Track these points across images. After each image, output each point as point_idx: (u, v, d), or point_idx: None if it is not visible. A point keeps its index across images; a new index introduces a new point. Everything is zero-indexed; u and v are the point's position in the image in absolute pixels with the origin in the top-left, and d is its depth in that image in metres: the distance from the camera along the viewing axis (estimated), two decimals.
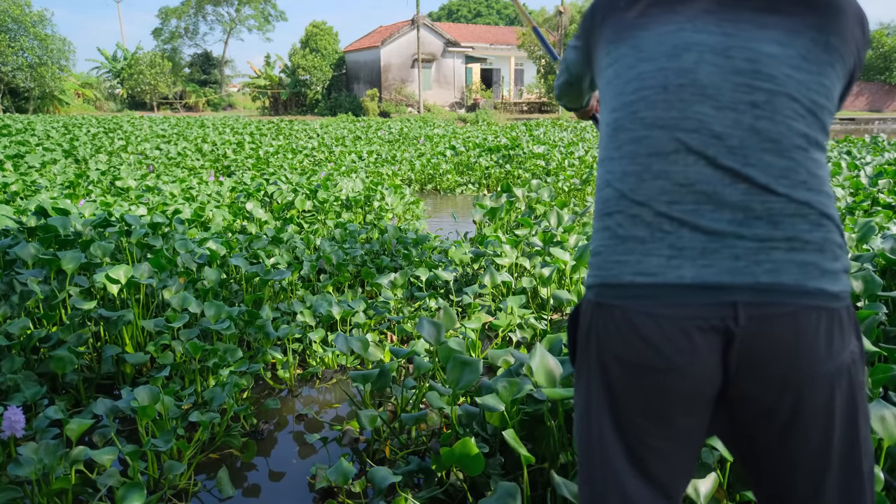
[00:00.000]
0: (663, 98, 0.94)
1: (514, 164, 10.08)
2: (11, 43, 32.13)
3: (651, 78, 0.96)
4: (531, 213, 5.61)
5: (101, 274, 2.99)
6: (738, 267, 0.86)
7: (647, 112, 0.95)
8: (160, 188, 6.42)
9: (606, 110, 1.04)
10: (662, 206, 0.90)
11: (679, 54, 0.95)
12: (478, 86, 35.21)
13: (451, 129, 18.85)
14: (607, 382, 0.95)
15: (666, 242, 0.89)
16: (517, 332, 3.26)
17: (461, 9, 61.39)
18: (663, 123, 0.93)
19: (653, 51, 0.98)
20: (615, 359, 0.93)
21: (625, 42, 1.02)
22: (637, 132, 0.95)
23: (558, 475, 1.70)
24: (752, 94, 0.91)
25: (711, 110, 0.91)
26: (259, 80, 38.83)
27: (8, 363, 2.59)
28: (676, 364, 0.88)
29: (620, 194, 0.95)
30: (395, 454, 2.35)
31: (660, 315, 0.87)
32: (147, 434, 2.29)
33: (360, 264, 4.30)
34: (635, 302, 0.89)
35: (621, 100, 1.00)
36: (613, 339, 0.92)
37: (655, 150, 0.93)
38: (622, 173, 0.96)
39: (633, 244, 0.91)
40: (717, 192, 0.89)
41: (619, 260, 0.92)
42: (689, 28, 0.96)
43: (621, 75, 1.01)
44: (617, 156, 0.98)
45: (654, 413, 0.94)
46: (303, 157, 10.93)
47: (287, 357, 3.06)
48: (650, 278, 0.88)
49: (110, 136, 14.47)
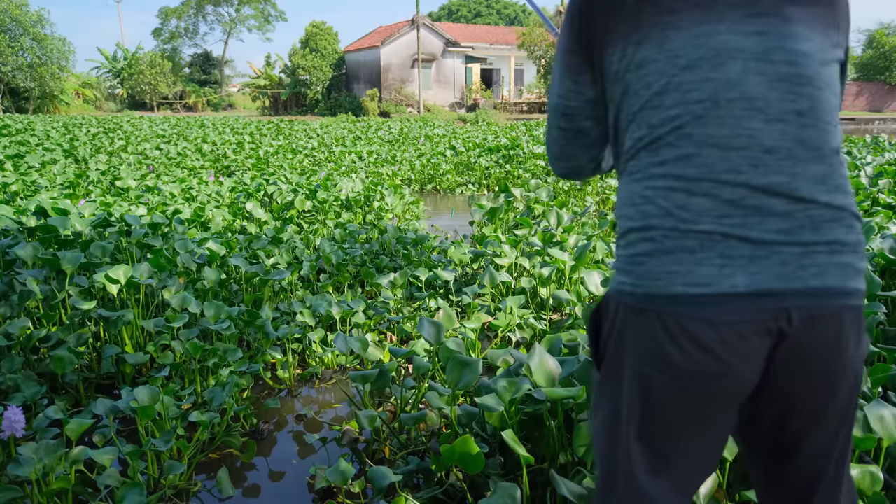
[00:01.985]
0: (715, 114, 0.90)
1: (514, 164, 10.08)
2: (11, 43, 32.14)
3: (697, 90, 0.90)
4: (530, 213, 5.61)
5: (101, 274, 2.99)
6: (787, 272, 0.87)
7: (696, 129, 0.90)
8: (160, 188, 6.42)
9: (637, 123, 0.96)
10: (712, 222, 0.89)
11: (723, 63, 0.90)
12: (478, 86, 35.21)
13: (451, 129, 18.85)
14: (645, 387, 0.94)
15: (716, 252, 0.88)
16: (516, 332, 3.26)
17: (461, 9, 61.38)
18: (715, 142, 0.89)
19: (691, 56, 0.91)
20: (660, 364, 0.92)
21: (650, 41, 0.93)
22: (684, 150, 0.91)
23: (558, 475, 1.70)
24: (798, 101, 0.91)
25: (761, 124, 0.89)
26: (259, 80, 38.84)
27: (8, 363, 2.59)
28: (731, 367, 0.89)
29: (666, 211, 0.91)
30: (394, 454, 2.35)
31: (717, 321, 0.88)
32: (147, 434, 2.29)
33: (359, 264, 4.30)
34: (690, 309, 0.89)
35: (660, 114, 0.93)
36: (659, 344, 0.91)
37: (706, 169, 0.90)
38: (667, 189, 0.92)
39: (682, 254, 0.90)
40: (764, 205, 0.89)
41: (668, 270, 0.90)
42: (723, 28, 0.91)
43: (652, 84, 0.93)
44: (659, 172, 0.93)
45: (696, 415, 0.94)
46: (303, 157, 10.93)
47: (287, 357, 3.06)
48: (704, 288, 0.88)
49: (110, 136, 14.47)
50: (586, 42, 1.02)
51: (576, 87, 1.06)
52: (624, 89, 0.97)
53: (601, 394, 1.03)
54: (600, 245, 3.97)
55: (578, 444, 1.80)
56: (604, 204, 7.36)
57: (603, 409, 1.02)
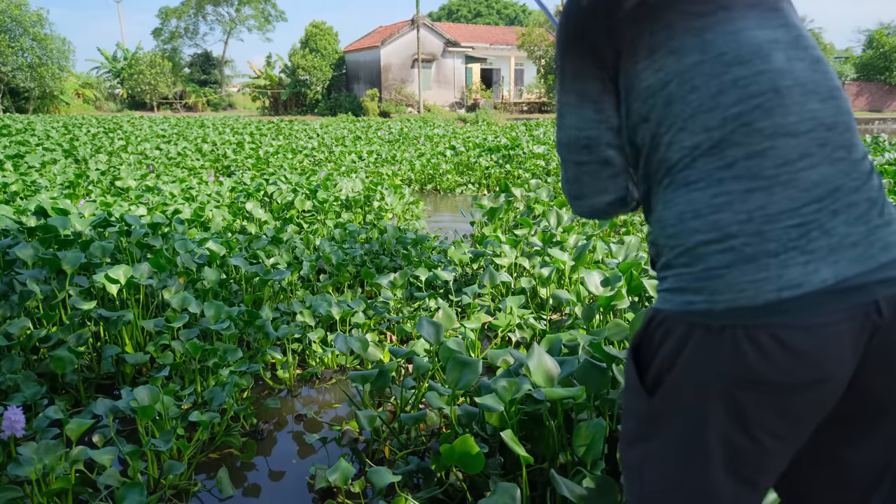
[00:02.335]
0: (779, 103, 0.88)
1: (514, 164, 10.08)
2: (11, 43, 32.15)
3: (755, 83, 0.89)
4: (530, 213, 5.61)
5: (101, 274, 2.99)
6: (858, 254, 0.86)
7: (764, 121, 0.88)
8: (160, 188, 6.42)
9: (689, 131, 0.90)
10: (793, 215, 0.86)
11: (769, 54, 0.90)
12: (478, 86, 35.22)
13: (451, 129, 18.85)
14: (732, 410, 0.88)
15: (798, 249, 0.85)
16: (516, 332, 3.26)
17: (461, 9, 61.38)
18: (785, 131, 0.88)
19: (738, 52, 0.90)
20: (748, 383, 0.86)
21: (688, 47, 0.91)
22: (755, 145, 0.87)
23: (558, 475, 1.70)
24: (832, 78, 0.94)
25: (819, 104, 0.90)
26: (259, 81, 38.85)
27: (8, 363, 2.59)
28: (829, 373, 0.85)
29: (748, 216, 0.87)
30: (394, 454, 2.35)
31: (812, 325, 0.84)
32: (147, 434, 2.29)
33: (359, 264, 4.30)
34: (783, 317, 0.84)
35: (719, 114, 0.88)
36: (748, 362, 0.85)
37: (782, 160, 0.87)
38: (744, 192, 0.87)
39: (765, 259, 0.85)
40: (837, 188, 0.88)
41: (753, 279, 0.85)
42: (753, 24, 0.92)
43: (700, 86, 0.89)
44: (729, 175, 0.88)
45: (791, 432, 0.90)
46: (303, 157, 10.93)
47: (287, 357, 3.06)
48: (796, 290, 0.84)
49: (110, 136, 14.47)
50: (609, 63, 0.96)
51: (598, 115, 1.00)
52: (666, 101, 0.92)
53: (654, 425, 0.95)
54: (600, 245, 3.97)
55: (578, 444, 1.80)
56: None
57: (658, 441, 0.95)
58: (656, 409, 0.94)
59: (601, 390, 1.97)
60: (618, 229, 5.57)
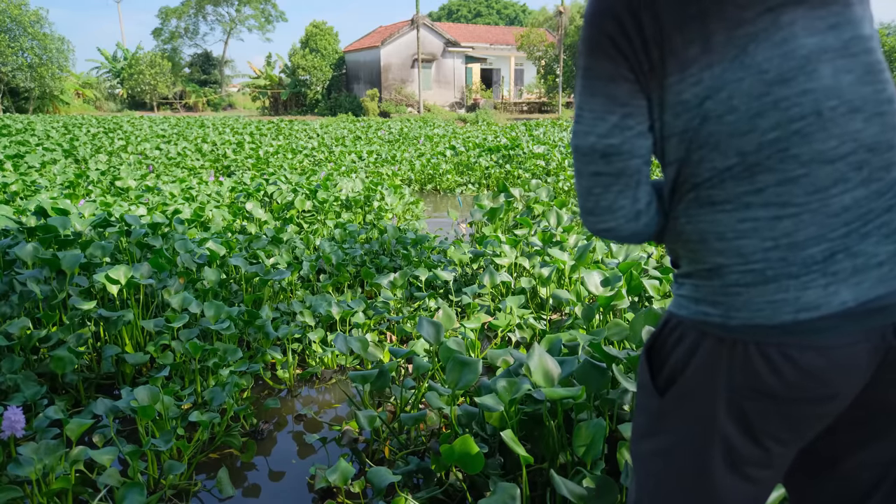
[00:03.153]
0: (820, 127, 0.82)
1: (513, 164, 10.08)
2: (11, 43, 32.16)
3: (797, 105, 0.81)
4: (530, 213, 5.61)
5: (101, 274, 2.99)
6: (883, 273, 0.84)
7: (802, 148, 0.82)
8: (160, 188, 6.43)
9: (721, 152, 0.85)
10: (819, 241, 0.83)
11: (815, 69, 0.81)
12: (478, 86, 35.22)
13: (451, 129, 18.85)
14: (739, 414, 0.89)
15: (820, 272, 0.83)
16: (516, 332, 3.26)
17: (461, 9, 61.38)
18: (823, 158, 0.82)
19: (782, 69, 0.81)
20: (757, 394, 0.87)
21: (727, 60, 0.82)
22: (790, 172, 0.83)
23: (557, 475, 1.70)
24: (885, 90, 0.85)
25: (862, 124, 0.83)
26: (259, 81, 38.85)
27: (8, 363, 2.59)
28: (838, 390, 0.86)
29: (774, 244, 0.84)
30: (394, 454, 2.35)
31: (826, 346, 0.83)
32: (147, 434, 2.29)
33: (359, 264, 4.30)
34: (797, 337, 0.84)
35: (755, 139, 0.83)
36: (758, 375, 0.86)
37: (815, 187, 0.83)
38: (772, 219, 0.84)
39: (786, 281, 0.84)
40: (869, 210, 0.84)
41: (771, 300, 0.84)
42: (800, 30, 0.82)
43: (739, 107, 0.82)
44: (758, 201, 0.84)
45: (795, 438, 0.92)
46: (303, 157, 10.94)
47: (287, 357, 3.06)
48: (813, 312, 0.83)
49: (110, 136, 14.48)
50: (641, 69, 0.87)
51: (623, 121, 0.90)
52: (702, 118, 0.84)
53: (663, 422, 0.97)
54: (600, 245, 3.97)
55: (578, 444, 1.80)
56: None
57: (665, 437, 0.97)
58: (666, 408, 0.96)
59: (601, 390, 1.97)
60: None
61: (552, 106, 33.60)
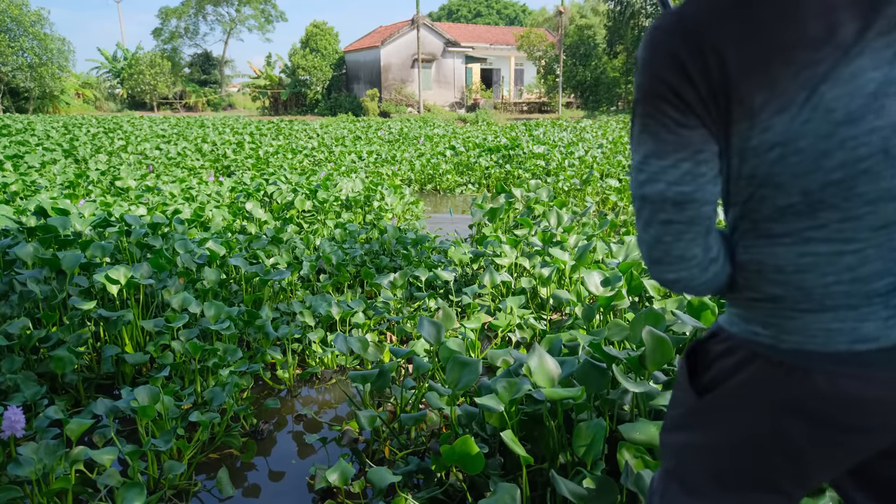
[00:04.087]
0: (888, 165, 0.79)
1: (514, 164, 10.08)
2: (11, 43, 32.16)
3: (864, 145, 0.79)
4: (530, 213, 5.61)
5: (101, 274, 2.99)
6: None
7: (868, 186, 0.80)
8: (160, 188, 6.43)
9: (785, 191, 0.83)
10: (884, 275, 0.83)
11: (883, 105, 0.78)
12: (478, 86, 35.23)
13: (451, 129, 18.86)
14: (778, 434, 0.90)
15: (882, 304, 0.83)
16: (516, 333, 3.26)
17: (461, 9, 61.38)
18: (890, 195, 0.80)
19: (848, 108, 0.78)
20: (798, 415, 0.87)
21: (795, 105, 0.78)
22: (854, 210, 0.81)
23: (558, 475, 1.70)
24: None
25: None
26: (259, 81, 38.85)
27: (8, 363, 2.59)
28: (884, 423, 0.86)
29: (834, 279, 0.83)
30: (394, 454, 2.35)
31: (875, 377, 0.83)
32: (147, 434, 2.29)
33: (359, 264, 4.30)
34: (848, 368, 0.84)
35: (819, 178, 0.80)
36: (802, 399, 0.86)
37: (880, 223, 0.81)
38: (833, 254, 0.83)
39: (844, 312, 0.84)
40: None
41: (827, 328, 0.84)
42: (867, 63, 0.78)
43: (805, 149, 0.80)
44: (819, 236, 0.83)
45: (834, 464, 0.92)
46: (303, 157, 10.94)
47: (286, 357, 3.06)
48: (870, 344, 0.83)
49: (110, 136, 14.48)
50: (710, 113, 0.84)
51: (696, 168, 0.86)
52: (770, 162, 0.82)
53: (698, 419, 0.99)
54: (600, 245, 3.97)
55: (578, 444, 1.80)
56: (603, 204, 7.36)
57: (699, 435, 0.99)
58: (703, 408, 0.97)
59: (601, 390, 1.97)
60: (618, 229, 5.57)
61: (552, 106, 33.60)
